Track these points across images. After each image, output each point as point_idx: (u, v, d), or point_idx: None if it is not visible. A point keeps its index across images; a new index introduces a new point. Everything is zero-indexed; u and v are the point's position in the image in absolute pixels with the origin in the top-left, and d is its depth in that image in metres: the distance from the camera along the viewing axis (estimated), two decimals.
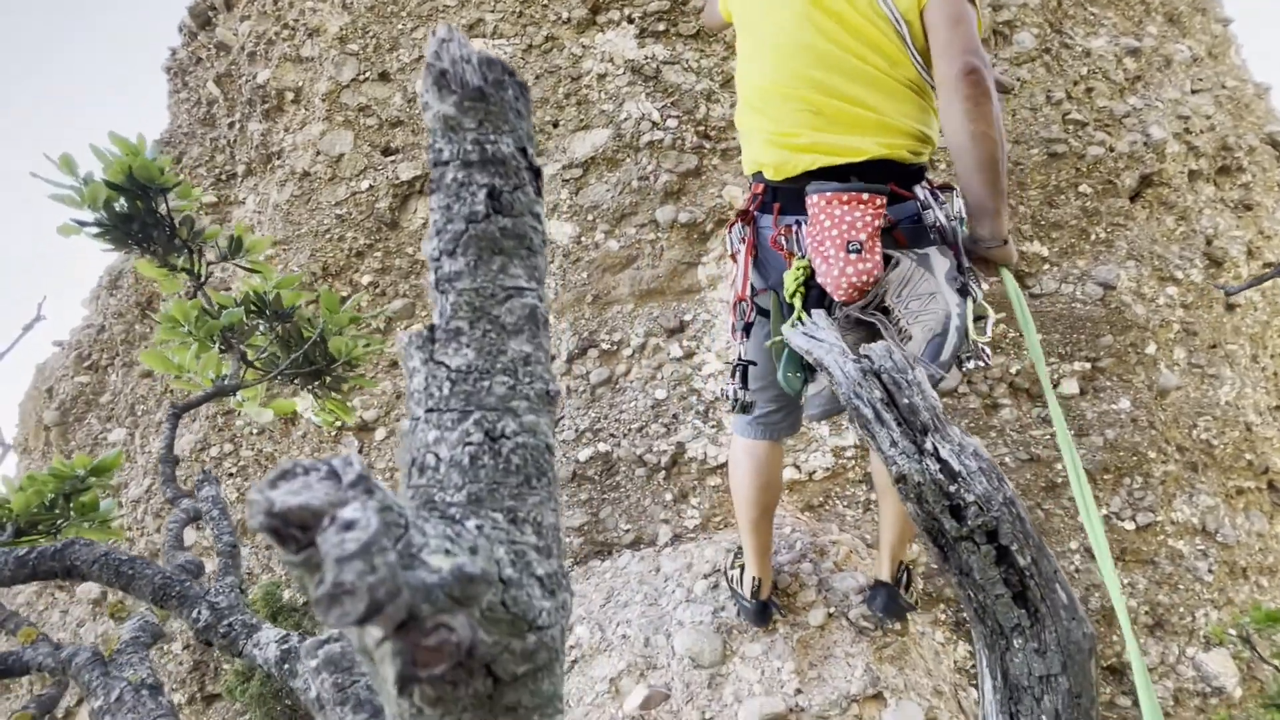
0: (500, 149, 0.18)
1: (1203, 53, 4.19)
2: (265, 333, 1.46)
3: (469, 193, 0.18)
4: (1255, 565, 3.57)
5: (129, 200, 1.23)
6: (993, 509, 0.55)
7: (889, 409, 0.56)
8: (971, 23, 1.31)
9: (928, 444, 0.56)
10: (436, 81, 0.18)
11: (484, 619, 0.15)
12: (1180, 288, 3.58)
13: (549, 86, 3.42)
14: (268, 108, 3.71)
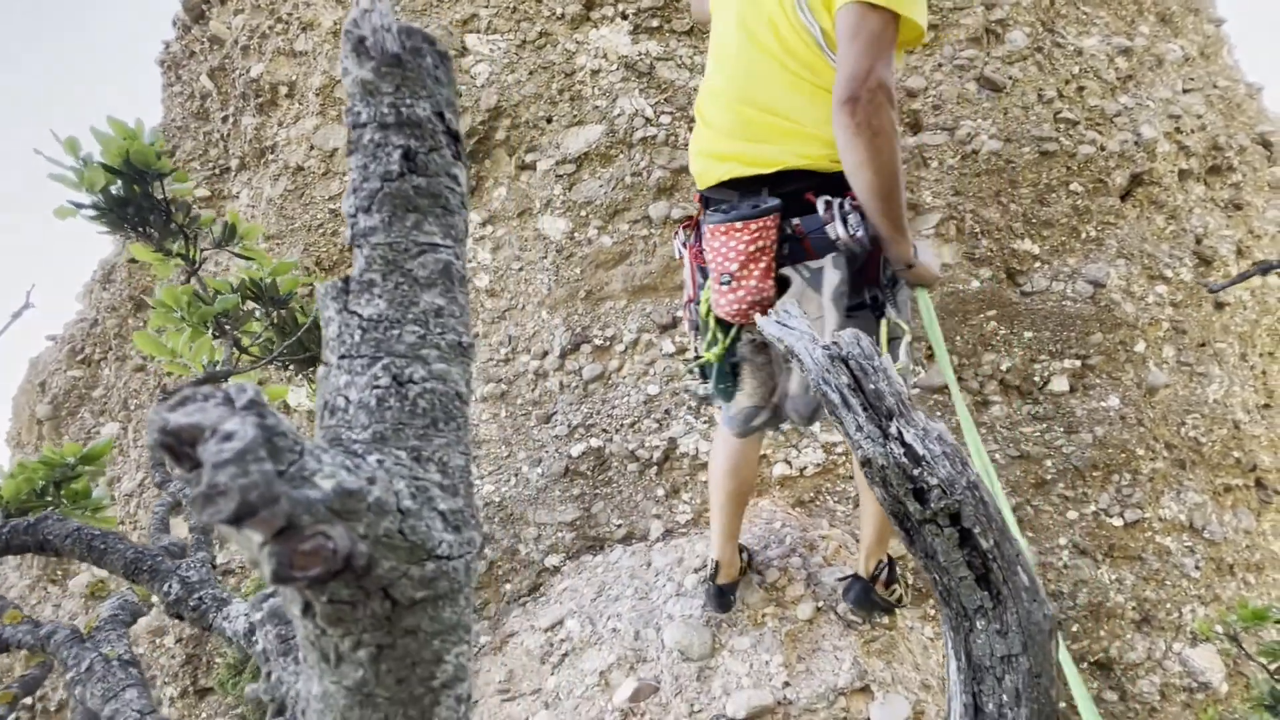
0: (416, 112, 0.19)
1: (1195, 52, 4.21)
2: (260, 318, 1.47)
3: (384, 153, 0.19)
4: (1242, 562, 3.60)
5: (125, 184, 1.24)
6: (956, 492, 0.56)
7: (855, 394, 0.57)
8: (869, 36, 1.19)
9: (892, 429, 0.57)
10: (355, 48, 0.19)
11: (380, 544, 0.16)
12: (1170, 286, 3.61)
13: (543, 82, 3.42)
14: (261, 102, 3.71)
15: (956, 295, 3.39)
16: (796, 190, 1.36)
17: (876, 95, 1.16)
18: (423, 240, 0.19)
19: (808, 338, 0.65)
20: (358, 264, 0.19)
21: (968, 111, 3.41)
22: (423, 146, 0.19)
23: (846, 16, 1.21)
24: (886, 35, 1.19)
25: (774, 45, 1.33)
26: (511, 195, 3.56)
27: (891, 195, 1.25)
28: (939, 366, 1.47)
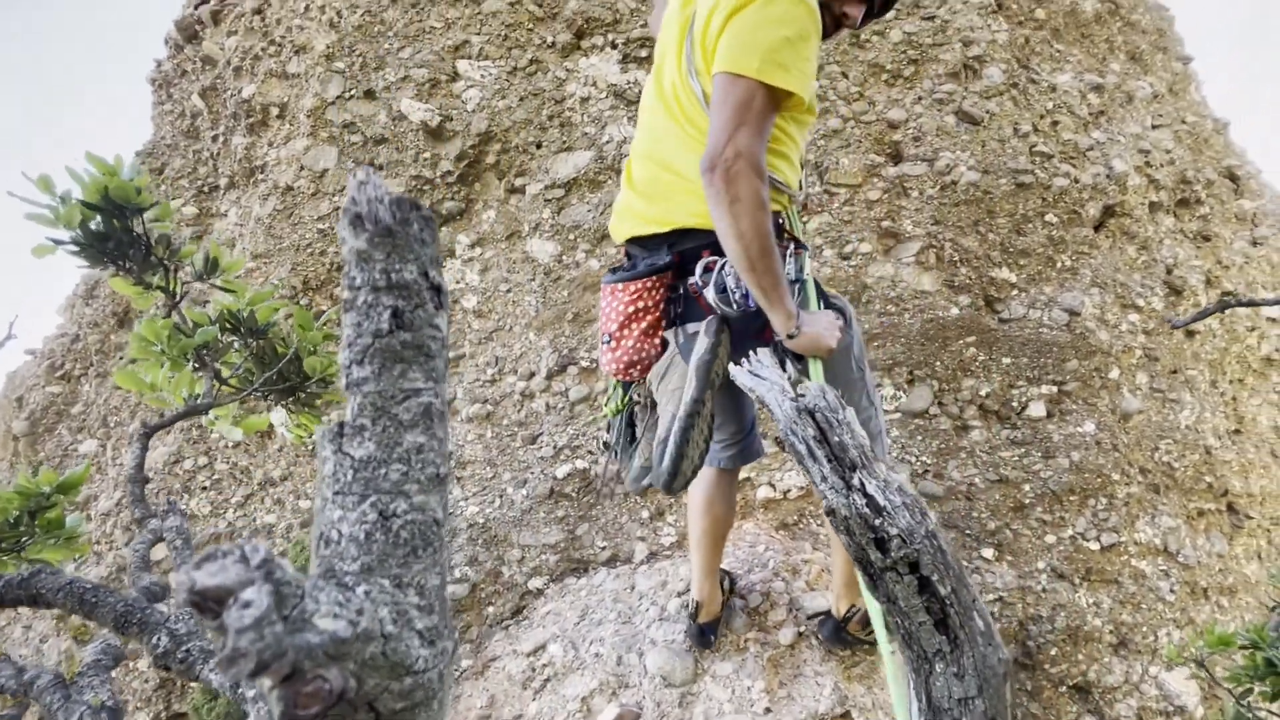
0: (404, 276, 0.22)
1: (1164, 89, 4.37)
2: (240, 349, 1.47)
3: (376, 313, 0.22)
4: (1216, 586, 3.66)
5: (105, 219, 1.25)
6: (915, 541, 0.59)
7: (821, 446, 0.60)
8: (733, 105, 1.14)
9: (855, 480, 0.60)
10: (352, 222, 0.22)
11: (366, 666, 0.19)
12: (1142, 315, 3.71)
13: (533, 109, 3.48)
14: (252, 122, 3.73)
15: (936, 322, 3.46)
16: (697, 248, 1.33)
17: (735, 164, 1.12)
18: (407, 387, 0.22)
19: (777, 389, 0.68)
20: (350, 409, 0.22)
21: (947, 143, 3.51)
22: (409, 305, 0.22)
23: (716, 84, 1.19)
24: (755, 105, 1.15)
25: (674, 104, 1.34)
26: (500, 218, 3.60)
27: (757, 265, 1.18)
28: None
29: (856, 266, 3.47)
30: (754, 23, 1.16)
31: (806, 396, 0.64)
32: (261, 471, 3.85)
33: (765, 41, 1.15)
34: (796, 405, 0.64)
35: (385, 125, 3.50)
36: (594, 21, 3.47)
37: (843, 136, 3.51)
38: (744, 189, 1.12)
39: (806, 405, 0.63)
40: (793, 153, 1.39)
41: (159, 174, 4.20)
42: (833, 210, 3.48)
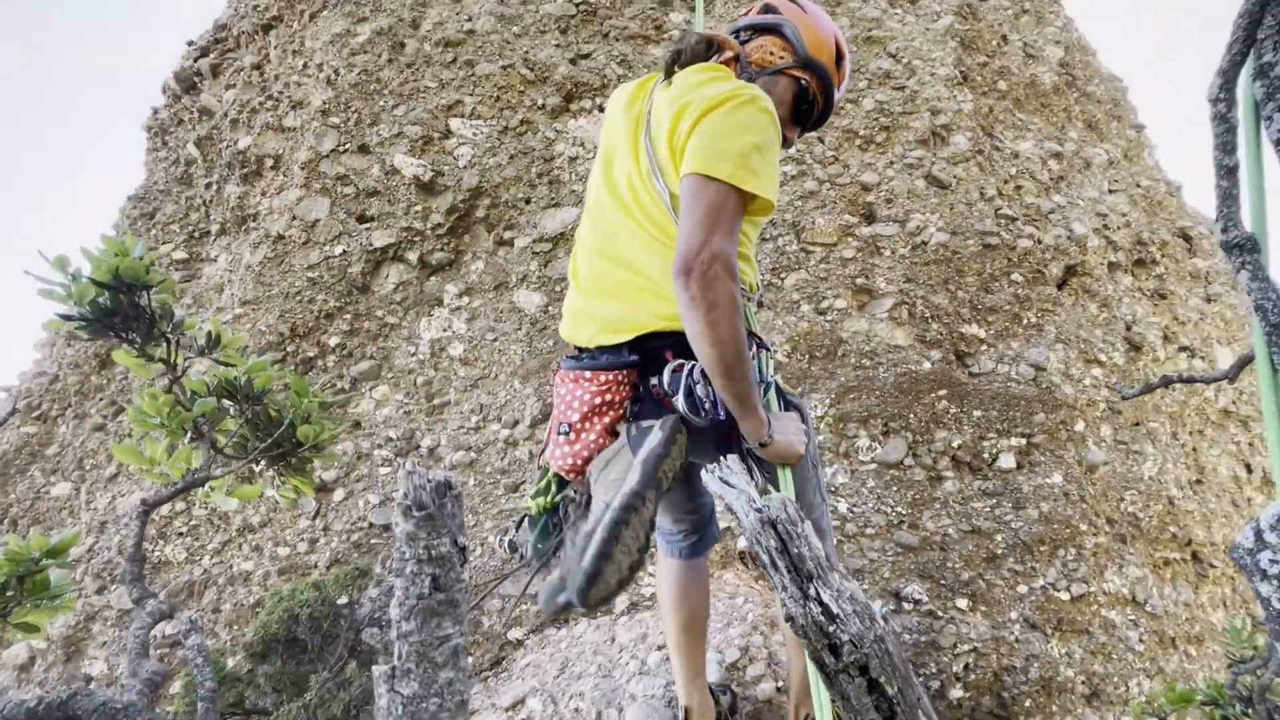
0: (440, 550, 0.29)
1: (1119, 155, 4.64)
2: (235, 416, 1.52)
3: (420, 580, 0.29)
4: (1183, 635, 3.75)
5: (112, 295, 1.31)
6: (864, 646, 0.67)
7: (782, 556, 0.68)
8: (705, 207, 1.11)
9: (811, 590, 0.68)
10: (404, 511, 0.29)
11: None
12: (1104, 369, 3.87)
13: (522, 166, 3.62)
14: (246, 172, 3.82)
15: (910, 375, 3.59)
16: (659, 347, 1.25)
17: (711, 268, 1.08)
18: (440, 635, 0.29)
19: (745, 498, 0.77)
20: (398, 653, 0.29)
21: (917, 205, 3.70)
22: (444, 572, 0.29)
23: (686, 186, 1.15)
24: (727, 208, 1.12)
25: (633, 204, 1.29)
26: (489, 269, 3.70)
27: (733, 371, 1.12)
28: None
29: (832, 321, 3.60)
30: (724, 128, 1.15)
31: (770, 509, 0.72)
32: (240, 518, 3.82)
33: (736, 147, 1.14)
34: (761, 517, 0.72)
35: (378, 178, 3.60)
36: (582, 86, 3.64)
37: (819, 197, 3.68)
38: (721, 294, 1.08)
39: (770, 517, 0.71)
40: (751, 252, 1.36)
41: (150, 218, 4.26)
42: (809, 267, 3.63)
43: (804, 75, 1.35)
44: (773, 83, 1.35)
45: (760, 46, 1.37)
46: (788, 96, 1.36)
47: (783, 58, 1.35)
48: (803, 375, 3.59)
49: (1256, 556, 0.84)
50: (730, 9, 3.90)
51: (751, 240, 1.36)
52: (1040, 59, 4.42)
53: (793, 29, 1.35)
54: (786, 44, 1.35)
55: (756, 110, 1.18)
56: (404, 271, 3.63)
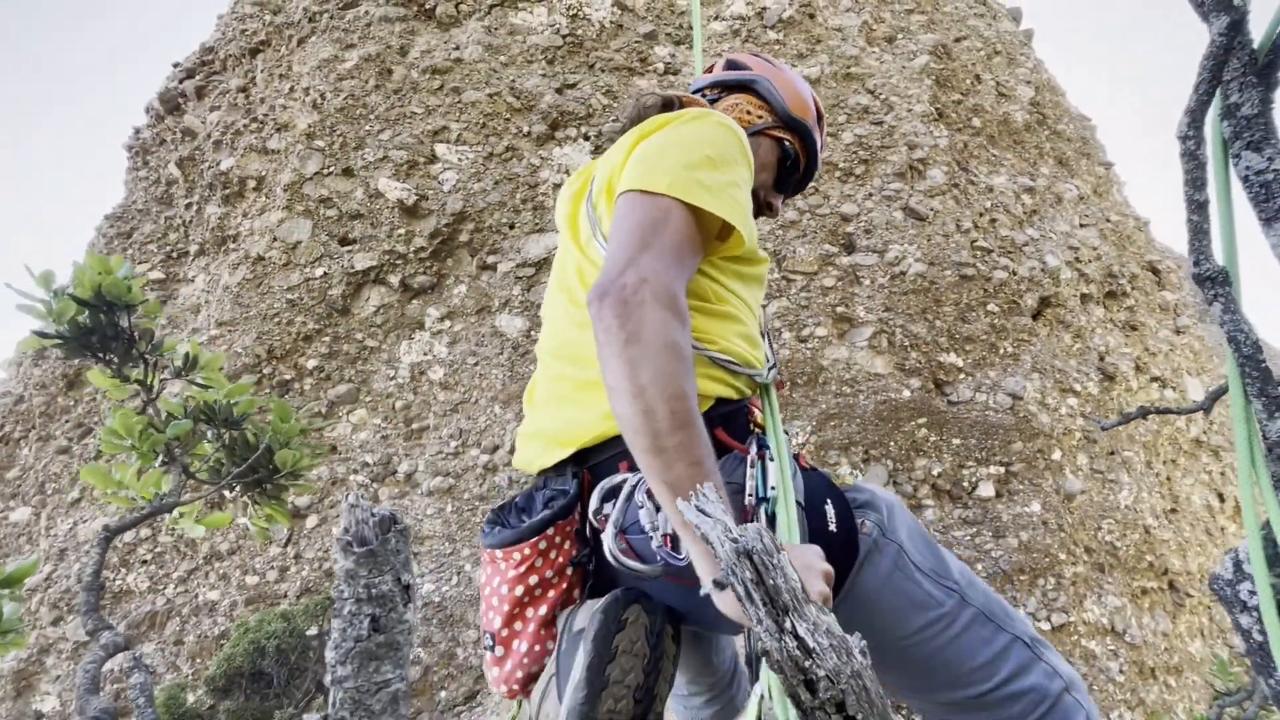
0: (381, 588, 0.28)
1: (1089, 191, 4.79)
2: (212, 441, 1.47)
3: (358, 620, 0.27)
4: (1162, 665, 3.76)
5: (92, 314, 1.28)
6: (840, 682, 0.65)
7: (758, 588, 0.67)
8: (635, 223, 0.83)
9: (787, 623, 0.66)
10: (344, 547, 0.28)
11: None
12: (1080, 398, 3.94)
13: (507, 192, 3.63)
14: (228, 193, 3.79)
15: (889, 403, 3.62)
16: (613, 458, 0.88)
17: (638, 291, 0.75)
18: (379, 680, 0.27)
19: (720, 527, 0.75)
20: (333, 700, 0.28)
21: (895, 237, 3.77)
22: (384, 612, 0.28)
23: (615, 211, 0.87)
24: (667, 227, 0.83)
25: (577, 284, 0.99)
26: (471, 293, 3.68)
27: (659, 442, 0.73)
28: None
29: (813, 349, 3.63)
30: (665, 143, 0.90)
31: (745, 537, 0.71)
32: (208, 544, 3.69)
33: (680, 159, 0.87)
34: (737, 547, 0.70)
35: (362, 201, 3.59)
36: (568, 115, 3.69)
37: (799, 227, 3.73)
38: (648, 324, 0.74)
39: (745, 547, 0.70)
40: (747, 317, 0.99)
41: (126, 238, 4.20)
42: (790, 295, 3.67)
43: (786, 135, 1.14)
44: (753, 144, 1.12)
45: (734, 105, 1.16)
46: (771, 159, 1.15)
47: (761, 117, 1.14)
48: (785, 403, 3.60)
49: (1236, 588, 0.84)
50: (713, 45, 3.99)
51: (747, 301, 0.99)
52: (1012, 98, 4.58)
53: (768, 85, 1.16)
54: (763, 102, 1.15)
55: (712, 124, 0.93)
56: (385, 294, 3.60)
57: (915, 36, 4.33)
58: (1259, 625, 0.81)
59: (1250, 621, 0.82)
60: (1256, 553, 0.79)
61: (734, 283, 0.98)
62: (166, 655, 3.65)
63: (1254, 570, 0.79)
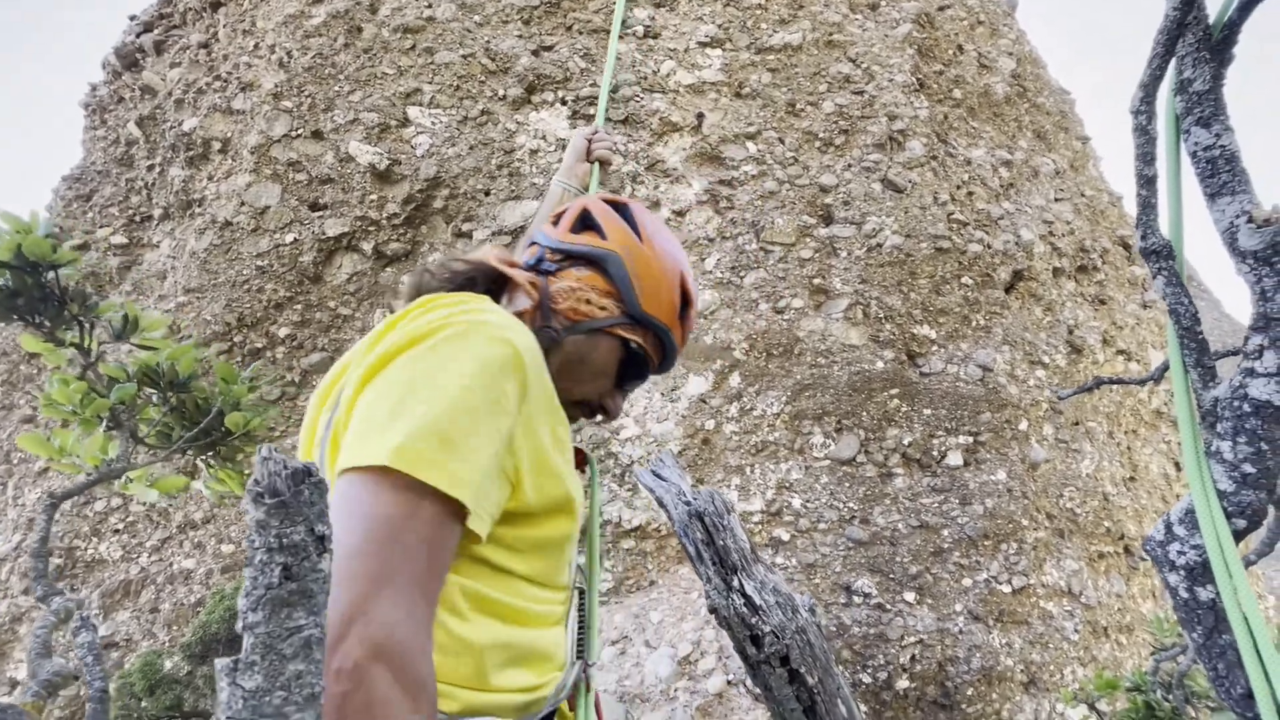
0: (293, 538, 0.28)
1: (1065, 165, 4.83)
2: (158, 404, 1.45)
3: (269, 569, 0.28)
4: (1115, 624, 3.94)
5: (16, 276, 1.24)
6: (785, 638, 0.68)
7: (708, 548, 0.69)
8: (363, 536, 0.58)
9: (735, 581, 0.69)
10: (254, 498, 0.29)
11: None
12: (1048, 370, 4.03)
13: (482, 157, 3.56)
14: (192, 155, 3.66)
15: (863, 374, 3.67)
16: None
17: (364, 671, 0.54)
18: (291, 626, 0.28)
19: (674, 491, 0.77)
20: (245, 646, 0.28)
21: (873, 208, 3.78)
22: (297, 561, 0.28)
23: (335, 491, 0.62)
24: (405, 532, 0.59)
25: None
26: None
27: None
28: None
29: (790, 320, 3.66)
30: (402, 381, 0.66)
31: (698, 501, 0.73)
32: (182, 514, 3.67)
33: (416, 412, 0.64)
34: (690, 510, 0.72)
35: (332, 166, 3.50)
36: (544, 78, 3.60)
37: (778, 198, 3.72)
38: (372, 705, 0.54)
39: (698, 510, 0.72)
40: (531, 617, 0.77)
41: (86, 200, 4.06)
42: (768, 266, 3.67)
43: (634, 336, 0.88)
44: (589, 344, 0.87)
45: (573, 291, 0.87)
46: (610, 363, 0.88)
47: (604, 308, 0.87)
48: (760, 373, 3.63)
49: (1166, 549, 0.88)
50: (694, 7, 3.91)
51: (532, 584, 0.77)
52: (994, 69, 4.56)
53: (621, 270, 0.88)
54: (612, 288, 0.88)
55: (473, 348, 0.69)
56: (358, 262, 3.54)
57: (899, 4, 4.27)
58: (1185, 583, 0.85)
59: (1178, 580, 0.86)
60: (1203, 510, 0.82)
61: (513, 561, 0.73)
62: (142, 623, 3.65)
63: (1201, 523, 0.82)
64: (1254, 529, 0.83)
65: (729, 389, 3.61)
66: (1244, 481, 0.82)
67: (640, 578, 3.40)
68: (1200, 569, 0.85)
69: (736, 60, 3.81)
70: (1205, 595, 0.86)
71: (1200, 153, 0.89)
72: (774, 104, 3.83)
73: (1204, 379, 0.89)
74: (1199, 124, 0.89)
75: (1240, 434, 0.81)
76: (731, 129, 3.72)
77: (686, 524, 0.70)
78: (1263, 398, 0.79)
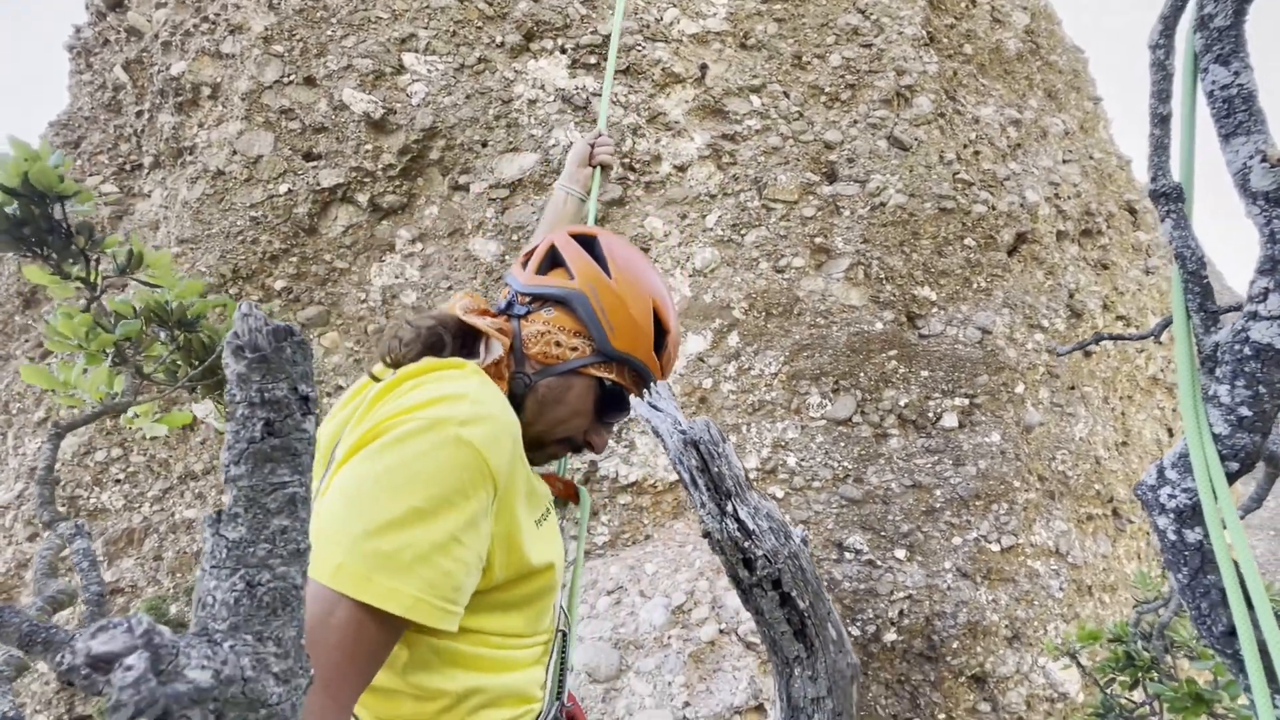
0: (276, 394, 0.28)
1: (1075, 126, 4.73)
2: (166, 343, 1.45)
3: (251, 424, 0.28)
4: (1099, 583, 4.03)
5: (23, 205, 1.23)
6: (777, 562, 0.69)
7: (703, 475, 0.69)
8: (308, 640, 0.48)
9: (729, 507, 0.69)
10: (234, 351, 0.28)
11: (228, 704, 0.26)
12: (1047, 334, 4.02)
13: (479, 107, 3.47)
14: (181, 101, 3.57)
15: (862, 335, 3.67)
16: None
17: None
18: (275, 481, 0.28)
19: (670, 420, 0.77)
20: (228, 499, 0.28)
21: (878, 166, 3.71)
22: (279, 417, 0.28)
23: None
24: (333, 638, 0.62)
25: None
26: (443, 214, 3.58)
27: None
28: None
29: (790, 280, 3.63)
30: (353, 484, 0.67)
31: (694, 430, 0.73)
32: (182, 465, 3.70)
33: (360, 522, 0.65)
34: (685, 438, 0.73)
35: (325, 114, 3.42)
36: (544, 25, 3.49)
37: (782, 154, 3.65)
38: None
39: (693, 438, 0.72)
40: (513, 647, 0.80)
41: (75, 147, 3.97)
42: (769, 224, 3.63)
43: (608, 374, 0.86)
44: (562, 385, 0.86)
45: (542, 334, 0.88)
46: (586, 402, 0.87)
47: (575, 349, 0.87)
48: (759, 333, 3.62)
49: (1157, 492, 0.89)
50: None
51: (506, 640, 0.79)
52: (1007, 24, 4.42)
53: (588, 307, 0.87)
54: (581, 327, 0.87)
55: (432, 446, 0.68)
56: (354, 214, 3.49)
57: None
58: (1174, 525, 0.86)
59: (1167, 523, 0.87)
60: (1196, 448, 0.82)
61: (488, 621, 0.75)
62: (146, 570, 3.72)
63: (1193, 458, 0.82)
64: (1246, 472, 0.83)
65: (727, 348, 3.60)
66: (1239, 425, 0.82)
67: (636, 532, 3.45)
68: (1190, 511, 0.86)
69: (742, 9, 3.69)
70: (1193, 537, 0.87)
71: (1217, 92, 0.86)
72: (779, 56, 3.73)
73: (1205, 324, 0.88)
74: (1218, 62, 0.86)
75: (1239, 377, 0.81)
76: (735, 81, 3.63)
77: (681, 452, 0.70)
78: (1264, 341, 0.78)
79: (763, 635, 0.73)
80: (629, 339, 0.86)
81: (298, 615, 0.28)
